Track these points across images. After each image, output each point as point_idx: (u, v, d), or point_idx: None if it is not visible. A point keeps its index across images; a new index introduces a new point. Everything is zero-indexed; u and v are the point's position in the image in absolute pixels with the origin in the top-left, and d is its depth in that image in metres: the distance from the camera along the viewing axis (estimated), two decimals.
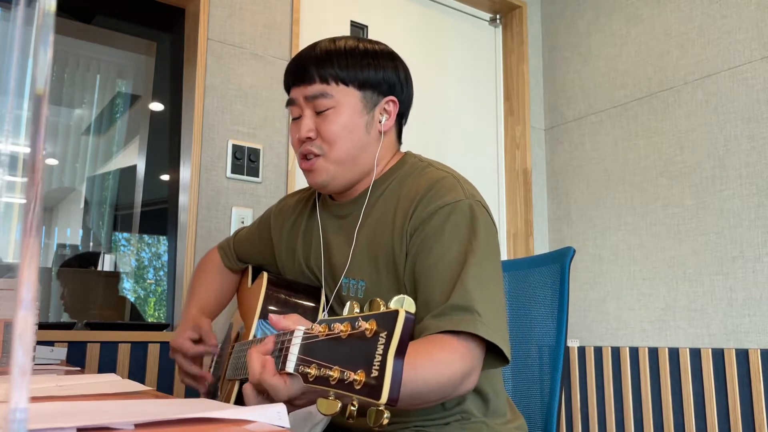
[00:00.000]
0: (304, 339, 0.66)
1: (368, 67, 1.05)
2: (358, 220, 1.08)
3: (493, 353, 0.90)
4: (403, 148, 1.17)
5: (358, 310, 0.59)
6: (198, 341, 1.20)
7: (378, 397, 0.53)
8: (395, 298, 0.57)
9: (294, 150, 1.10)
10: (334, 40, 1.07)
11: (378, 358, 0.55)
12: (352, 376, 0.55)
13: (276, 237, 1.24)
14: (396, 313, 0.55)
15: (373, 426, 0.56)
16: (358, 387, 0.55)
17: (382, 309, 0.57)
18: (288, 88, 1.10)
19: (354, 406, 0.57)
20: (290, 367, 0.66)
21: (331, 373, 0.58)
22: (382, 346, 0.55)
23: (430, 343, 0.87)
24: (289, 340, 0.68)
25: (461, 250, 0.94)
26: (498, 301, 0.93)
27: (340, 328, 0.59)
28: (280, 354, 0.71)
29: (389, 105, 1.08)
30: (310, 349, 0.64)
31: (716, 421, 2.09)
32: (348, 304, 0.61)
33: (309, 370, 0.61)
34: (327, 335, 0.61)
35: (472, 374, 0.88)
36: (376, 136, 1.07)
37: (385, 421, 0.56)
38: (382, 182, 1.09)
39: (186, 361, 1.19)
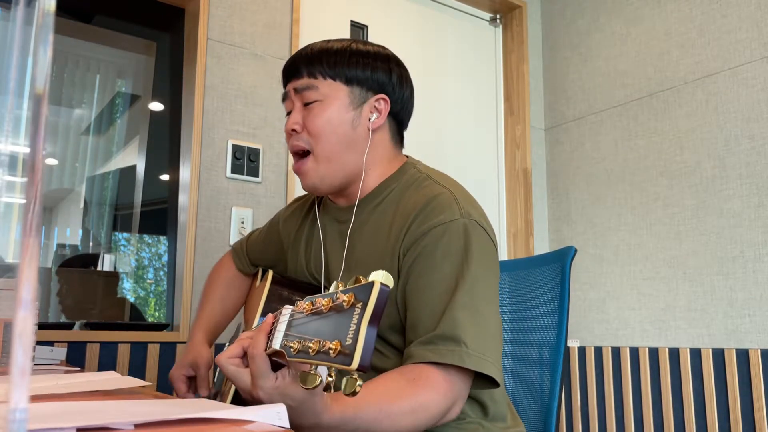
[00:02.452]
0: (290, 316, 0.68)
1: (357, 64, 1.05)
2: (352, 228, 1.08)
3: (484, 376, 0.90)
4: (403, 149, 1.16)
5: (341, 288, 0.62)
6: (194, 378, 1.21)
7: (350, 363, 0.55)
8: (374, 272, 0.59)
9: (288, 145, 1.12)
10: (328, 41, 1.08)
11: (353, 327, 0.57)
12: (328, 345, 0.57)
13: (285, 240, 1.25)
14: (371, 284, 0.58)
15: (347, 394, 0.58)
16: (333, 355, 0.57)
17: (362, 282, 0.60)
18: (284, 85, 1.12)
19: (332, 377, 0.60)
20: (276, 344, 0.67)
21: (310, 345, 0.60)
22: (357, 316, 0.57)
23: (413, 382, 0.86)
24: (278, 320, 0.71)
25: (452, 274, 0.93)
26: (489, 326, 0.92)
27: (322, 303, 0.62)
28: (270, 334, 0.73)
29: (380, 103, 1.07)
30: (295, 325, 0.66)
31: (716, 421, 2.09)
32: (334, 283, 0.64)
33: (292, 345, 0.63)
34: (311, 311, 0.64)
35: (453, 407, 0.88)
36: (364, 134, 1.06)
37: (358, 389, 0.57)
38: (381, 191, 1.07)
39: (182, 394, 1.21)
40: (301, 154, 1.07)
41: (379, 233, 1.03)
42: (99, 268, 2.22)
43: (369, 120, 1.06)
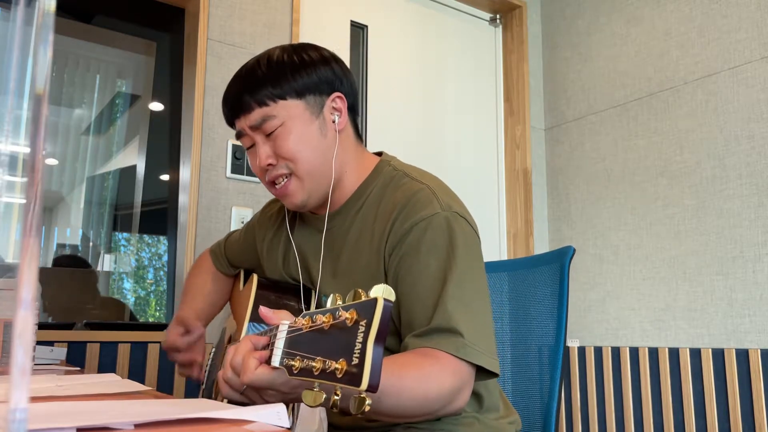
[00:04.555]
0: (288, 333, 0.67)
1: (299, 74, 1.01)
2: (335, 236, 1.06)
3: (481, 367, 0.90)
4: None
5: (340, 302, 0.60)
6: (186, 334, 1.21)
7: (359, 383, 0.54)
8: (375, 287, 0.58)
9: (260, 179, 1.06)
10: (257, 60, 1.04)
11: (358, 346, 0.55)
12: (334, 365, 0.56)
13: (260, 247, 1.23)
14: (375, 301, 0.56)
15: (356, 413, 0.57)
16: (339, 375, 0.55)
17: (363, 298, 0.58)
18: (230, 122, 1.07)
19: (337, 395, 0.58)
20: (276, 361, 0.66)
21: (314, 364, 0.58)
22: (361, 334, 0.56)
23: (420, 354, 0.86)
24: (275, 335, 0.69)
25: (440, 268, 0.92)
26: (481, 316, 0.92)
27: (323, 320, 0.60)
28: (266, 350, 0.72)
29: (337, 102, 1.04)
30: (295, 342, 0.64)
31: (716, 421, 2.09)
32: (331, 296, 0.62)
33: (293, 363, 0.62)
34: (310, 327, 0.62)
35: (462, 392, 0.86)
36: (333, 138, 1.04)
37: (367, 408, 0.56)
38: (360, 195, 1.06)
39: (180, 354, 1.21)
40: (278, 180, 1.03)
41: (363, 237, 1.02)
42: (99, 268, 2.22)
43: (333, 122, 1.04)
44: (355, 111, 1.10)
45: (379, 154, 1.13)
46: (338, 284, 1.03)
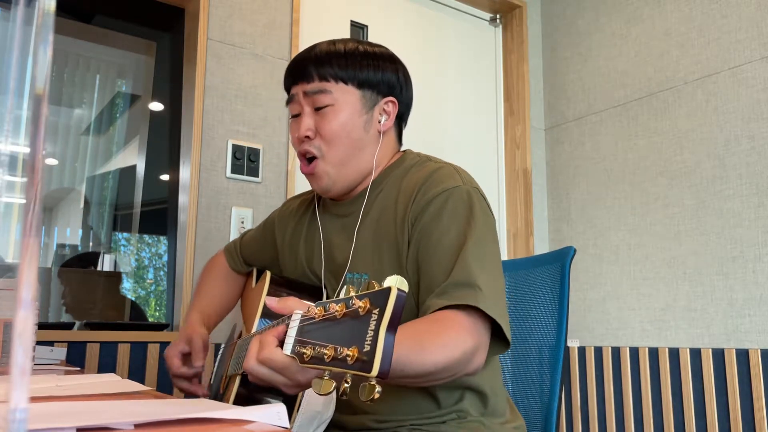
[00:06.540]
0: (301, 322, 0.67)
1: (367, 67, 1.06)
2: (359, 218, 1.08)
3: (493, 336, 0.91)
4: (403, 149, 1.17)
5: (354, 293, 0.60)
6: (188, 355, 1.19)
7: (369, 370, 0.54)
8: (389, 277, 0.58)
9: (294, 149, 1.11)
10: (333, 42, 1.08)
11: (370, 333, 0.56)
12: (345, 351, 0.56)
13: (279, 241, 1.25)
14: (388, 290, 0.57)
15: (365, 400, 0.57)
16: (351, 362, 0.56)
17: (376, 288, 0.58)
18: (288, 87, 1.11)
19: (347, 382, 0.58)
20: (287, 349, 0.67)
21: (325, 351, 0.59)
22: (374, 322, 0.56)
23: (436, 322, 0.87)
24: (287, 324, 0.69)
25: (460, 232, 0.95)
26: (497, 280, 0.94)
27: (336, 309, 0.60)
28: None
29: (389, 105, 1.09)
30: (307, 330, 0.65)
31: (716, 421, 2.09)
32: (344, 287, 0.62)
33: (305, 351, 0.62)
34: (323, 316, 0.62)
35: (479, 350, 0.88)
36: (375, 136, 1.08)
37: (377, 396, 0.57)
38: (382, 179, 1.10)
39: (181, 382, 1.18)
40: (309, 158, 1.07)
41: (386, 213, 1.05)
42: (99, 268, 2.22)
43: (379, 122, 1.08)
44: (403, 120, 1.15)
45: None
46: (361, 260, 1.05)
